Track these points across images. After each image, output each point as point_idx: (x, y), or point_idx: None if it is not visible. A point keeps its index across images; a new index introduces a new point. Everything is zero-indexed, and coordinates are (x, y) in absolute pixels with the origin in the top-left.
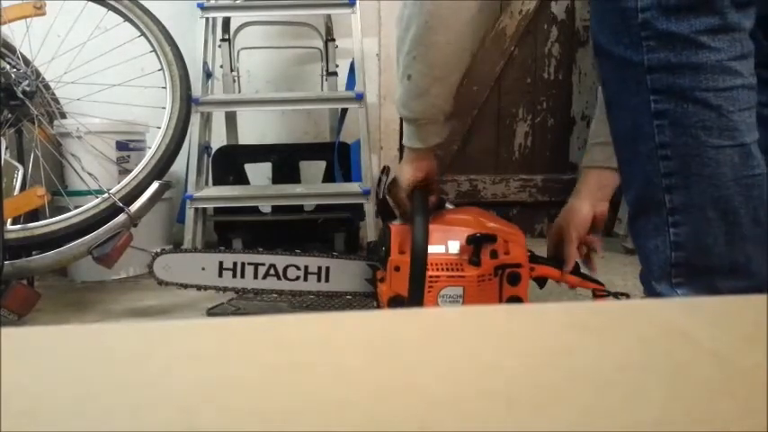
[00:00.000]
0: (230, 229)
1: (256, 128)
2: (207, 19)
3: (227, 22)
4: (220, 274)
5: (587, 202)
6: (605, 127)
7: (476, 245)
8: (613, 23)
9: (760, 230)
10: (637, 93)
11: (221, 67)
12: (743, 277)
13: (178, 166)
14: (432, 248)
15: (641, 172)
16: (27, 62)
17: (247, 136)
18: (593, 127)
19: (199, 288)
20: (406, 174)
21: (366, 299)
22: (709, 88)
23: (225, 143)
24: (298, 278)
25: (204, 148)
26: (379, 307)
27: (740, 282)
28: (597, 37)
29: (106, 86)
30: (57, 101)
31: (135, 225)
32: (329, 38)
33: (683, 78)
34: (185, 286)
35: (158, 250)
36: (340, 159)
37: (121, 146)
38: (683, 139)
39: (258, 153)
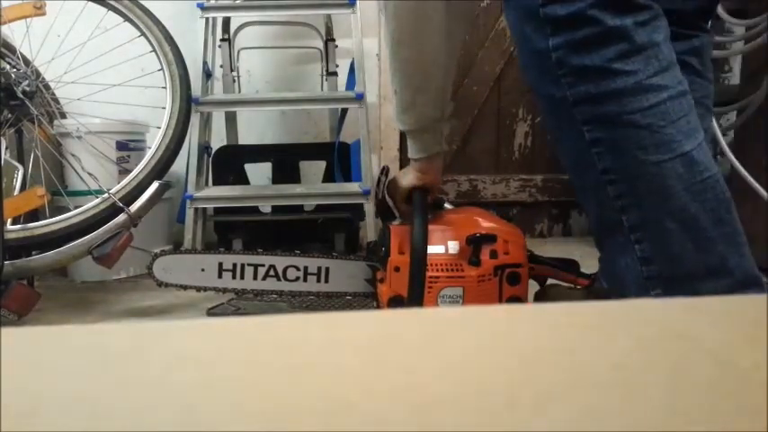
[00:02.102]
0: (230, 230)
1: (256, 128)
2: (207, 19)
3: (227, 22)
4: (220, 275)
5: None
6: None
7: (475, 245)
8: (534, 64)
9: (727, 229)
10: (570, 125)
11: (221, 67)
12: (723, 276)
13: (178, 166)
14: (431, 249)
15: (594, 197)
16: (27, 62)
17: (247, 136)
18: None
19: (198, 289)
20: (407, 179)
21: (366, 299)
22: (634, 110)
23: (225, 143)
24: (297, 279)
25: (204, 148)
26: (378, 307)
27: (721, 280)
28: (526, 77)
29: (106, 86)
30: (57, 101)
31: (135, 225)
32: (329, 38)
33: (608, 106)
34: (185, 287)
35: (158, 251)
36: (340, 159)
37: (121, 146)
38: (623, 162)
39: (258, 153)
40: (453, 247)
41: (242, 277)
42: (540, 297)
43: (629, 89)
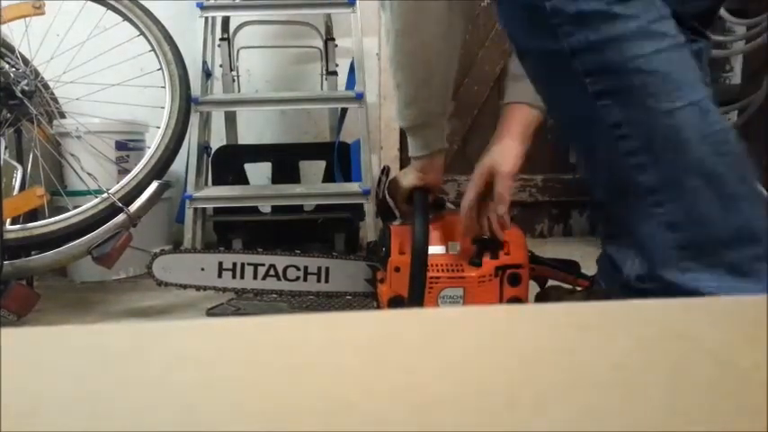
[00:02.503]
0: (230, 230)
1: (256, 128)
2: (206, 18)
3: (226, 21)
4: (220, 275)
5: (518, 140)
6: None
7: (480, 246)
8: (524, 19)
9: (747, 186)
10: (569, 80)
11: (221, 66)
12: (751, 241)
13: (178, 165)
14: (432, 249)
15: (603, 159)
16: (26, 62)
17: (247, 136)
18: (511, 63)
19: (198, 288)
20: (408, 180)
21: (366, 299)
22: (637, 55)
23: (224, 143)
24: (297, 278)
25: (204, 147)
26: (379, 308)
27: (752, 248)
28: (513, 38)
29: (105, 86)
30: (56, 100)
31: (134, 225)
32: (329, 37)
33: (610, 52)
34: (185, 287)
35: (157, 251)
36: (340, 159)
37: (121, 145)
38: (633, 113)
39: (258, 153)
40: (454, 247)
41: (242, 277)
42: (541, 299)
43: (631, 34)
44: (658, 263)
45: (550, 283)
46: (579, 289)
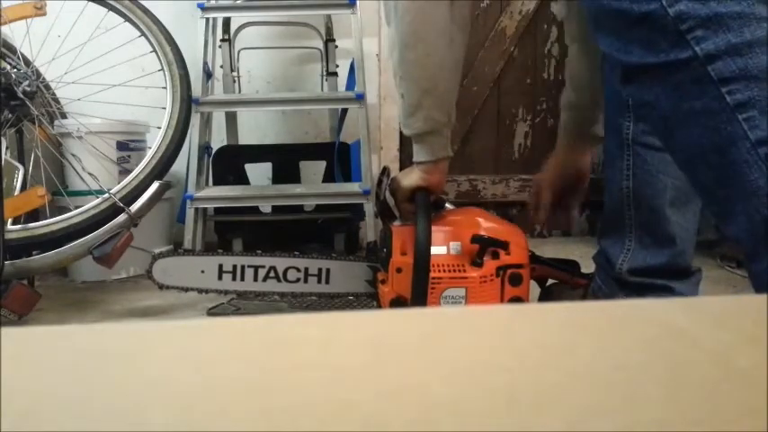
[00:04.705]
0: (230, 230)
1: (256, 128)
2: (207, 19)
3: (227, 22)
4: (220, 277)
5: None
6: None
7: (482, 245)
8: (640, 36)
9: None
10: (701, 93)
11: (221, 67)
12: None
13: (178, 166)
14: (433, 249)
15: (744, 186)
16: (27, 62)
17: (247, 136)
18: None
19: (199, 291)
20: (410, 179)
21: (367, 299)
22: None
23: (225, 143)
24: (298, 280)
25: (205, 148)
26: (380, 308)
27: None
28: (625, 60)
29: (107, 86)
30: (57, 101)
31: (135, 225)
32: (329, 38)
33: (758, 56)
34: (186, 290)
35: (156, 253)
36: (340, 159)
37: (122, 146)
38: None
39: (258, 153)
40: (455, 247)
41: (242, 279)
42: (544, 297)
43: None
44: None
45: (551, 282)
46: (579, 288)
